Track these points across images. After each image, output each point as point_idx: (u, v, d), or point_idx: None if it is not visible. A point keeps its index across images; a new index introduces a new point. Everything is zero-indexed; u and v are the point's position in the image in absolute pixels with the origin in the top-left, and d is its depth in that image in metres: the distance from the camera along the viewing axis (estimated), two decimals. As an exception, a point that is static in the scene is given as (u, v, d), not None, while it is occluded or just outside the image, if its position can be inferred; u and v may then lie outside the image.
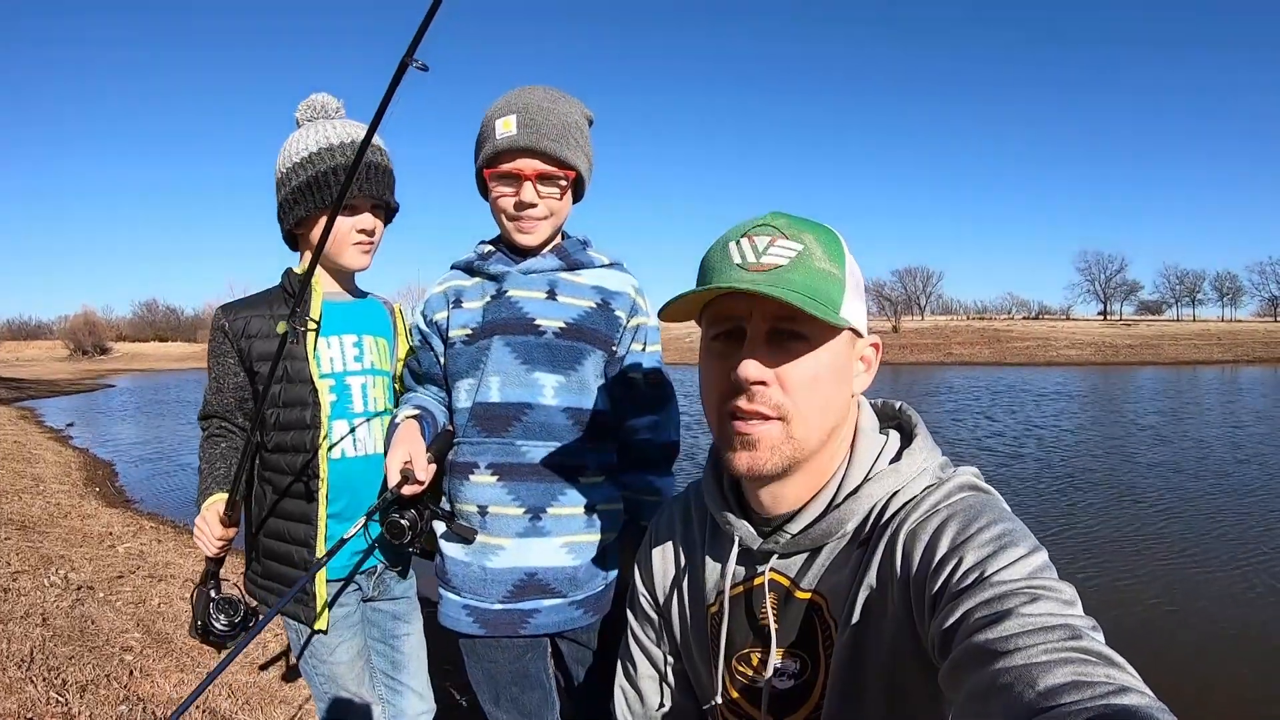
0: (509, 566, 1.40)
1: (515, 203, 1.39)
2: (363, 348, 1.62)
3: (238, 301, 1.62)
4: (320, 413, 1.52)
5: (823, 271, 0.86)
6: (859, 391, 0.95)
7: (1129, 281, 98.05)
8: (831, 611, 0.93)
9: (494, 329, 1.41)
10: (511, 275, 1.44)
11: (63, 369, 48.97)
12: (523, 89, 1.39)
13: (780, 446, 0.88)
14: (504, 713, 1.46)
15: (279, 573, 1.57)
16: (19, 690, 2.68)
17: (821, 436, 0.90)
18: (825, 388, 0.88)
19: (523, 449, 1.40)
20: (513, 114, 1.35)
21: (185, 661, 3.22)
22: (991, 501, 0.84)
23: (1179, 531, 6.49)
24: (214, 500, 1.48)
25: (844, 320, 0.86)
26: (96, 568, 4.57)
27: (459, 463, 1.43)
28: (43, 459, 9.88)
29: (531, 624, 1.41)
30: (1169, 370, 35.03)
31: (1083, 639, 0.63)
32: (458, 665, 1.54)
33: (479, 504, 1.40)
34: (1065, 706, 0.56)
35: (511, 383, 1.40)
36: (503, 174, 1.38)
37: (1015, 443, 11.57)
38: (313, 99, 1.60)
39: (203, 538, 1.47)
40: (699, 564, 1.08)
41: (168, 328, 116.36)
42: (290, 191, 1.54)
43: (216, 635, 1.47)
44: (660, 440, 1.53)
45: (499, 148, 1.36)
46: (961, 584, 0.73)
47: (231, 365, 1.57)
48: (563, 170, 1.40)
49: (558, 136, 1.37)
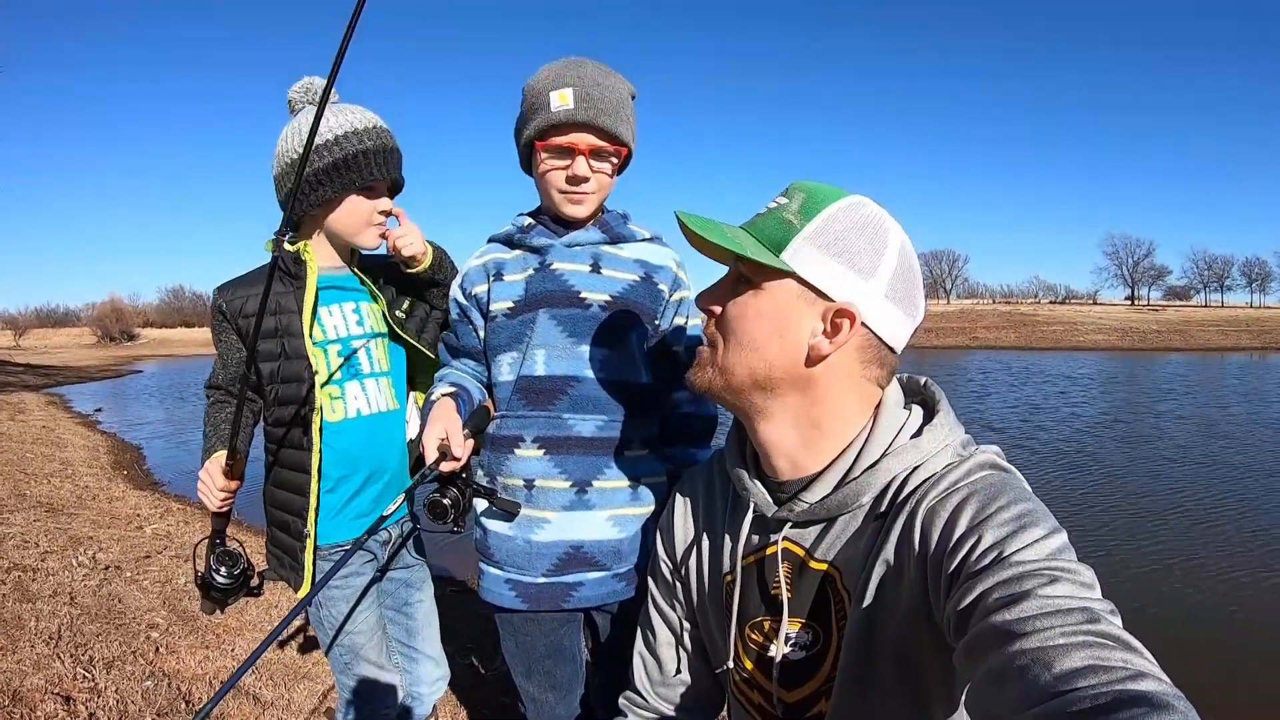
0: (554, 540, 1.39)
1: (568, 176, 1.38)
2: (361, 313, 1.67)
3: (233, 281, 1.64)
4: (315, 387, 1.55)
5: (784, 220, 0.91)
6: (819, 354, 0.89)
7: (1157, 266, 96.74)
8: (845, 584, 0.92)
9: (539, 302, 1.40)
10: (555, 248, 1.43)
11: (90, 355, 49.89)
12: (572, 60, 1.38)
13: (705, 366, 0.98)
14: (535, 685, 1.47)
15: (281, 541, 1.64)
16: (47, 666, 2.74)
17: (749, 374, 0.93)
18: (749, 326, 0.92)
19: (569, 422, 1.39)
20: (568, 87, 1.33)
21: (210, 639, 3.27)
22: (1012, 481, 0.83)
23: (1206, 518, 6.40)
24: (217, 455, 1.53)
25: (782, 264, 0.88)
26: (124, 548, 4.66)
27: (503, 436, 1.43)
28: (71, 443, 10.07)
29: (575, 597, 1.41)
30: (1197, 356, 34.47)
31: (1100, 623, 0.62)
32: (485, 635, 1.55)
33: (525, 478, 1.40)
34: (1081, 690, 0.56)
35: (558, 356, 1.39)
36: (556, 147, 1.37)
37: (1039, 426, 11.45)
38: (309, 82, 1.58)
39: (206, 490, 1.52)
40: (718, 531, 1.08)
41: (194, 314, 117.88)
42: (313, 173, 1.52)
43: (217, 588, 1.52)
44: (703, 413, 1.53)
45: (554, 120, 1.34)
46: (979, 563, 0.72)
47: (233, 342, 1.63)
48: (615, 146, 1.39)
49: (613, 112, 1.36)
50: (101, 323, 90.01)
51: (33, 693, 2.52)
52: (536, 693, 1.48)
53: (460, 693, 2.93)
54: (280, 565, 1.65)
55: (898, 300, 0.91)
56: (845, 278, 0.88)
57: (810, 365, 0.90)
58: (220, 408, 1.63)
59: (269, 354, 1.56)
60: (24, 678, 2.62)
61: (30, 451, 8.67)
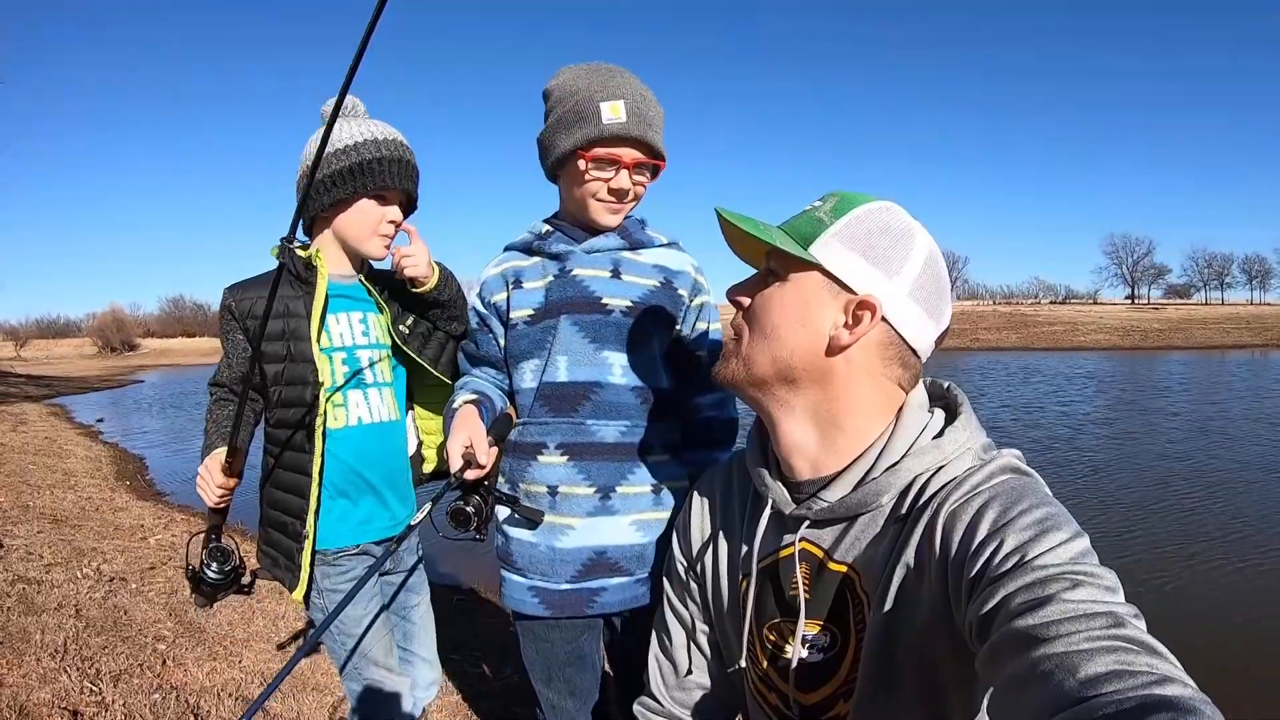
0: (578, 546, 1.39)
1: (611, 189, 1.39)
2: (368, 324, 1.70)
3: (244, 282, 1.67)
4: (320, 391, 1.57)
5: (815, 219, 0.93)
6: (839, 345, 0.90)
7: (1157, 265, 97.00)
8: (864, 586, 0.92)
9: (560, 308, 1.41)
10: (575, 254, 1.43)
11: (92, 366, 49.95)
12: (613, 69, 1.38)
13: (729, 358, 1.00)
14: (555, 692, 1.47)
15: (277, 541, 1.65)
16: (53, 680, 2.73)
17: (771, 363, 0.94)
18: (773, 315, 0.94)
19: (592, 428, 1.40)
20: (619, 99, 1.33)
21: (217, 650, 3.26)
22: (1033, 485, 0.83)
23: (1220, 520, 6.38)
24: (216, 452, 1.54)
25: (810, 256, 0.90)
26: (128, 559, 4.65)
27: (525, 443, 1.43)
28: (74, 454, 10.06)
29: (598, 603, 1.41)
30: (1198, 355, 34.44)
31: (1125, 627, 0.62)
32: (494, 644, 1.55)
33: (549, 484, 1.40)
34: (1106, 695, 0.55)
35: (580, 362, 1.40)
36: (603, 159, 1.37)
37: (1053, 430, 11.43)
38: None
39: (204, 486, 1.52)
40: (735, 531, 1.08)
41: (195, 323, 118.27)
42: (330, 174, 1.56)
43: (208, 583, 1.54)
44: (724, 416, 1.53)
45: (606, 132, 1.33)
46: (1001, 568, 0.72)
47: (240, 342, 1.64)
48: (656, 161, 1.40)
49: (659, 126, 1.38)
50: (102, 333, 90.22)
51: (40, 707, 2.52)
52: (556, 699, 1.48)
53: (470, 701, 2.93)
54: (274, 565, 1.66)
55: (921, 302, 0.92)
56: (868, 273, 0.90)
57: (830, 355, 0.91)
58: (223, 405, 1.65)
59: (274, 356, 1.58)
60: (31, 692, 2.61)
61: (33, 462, 8.65)
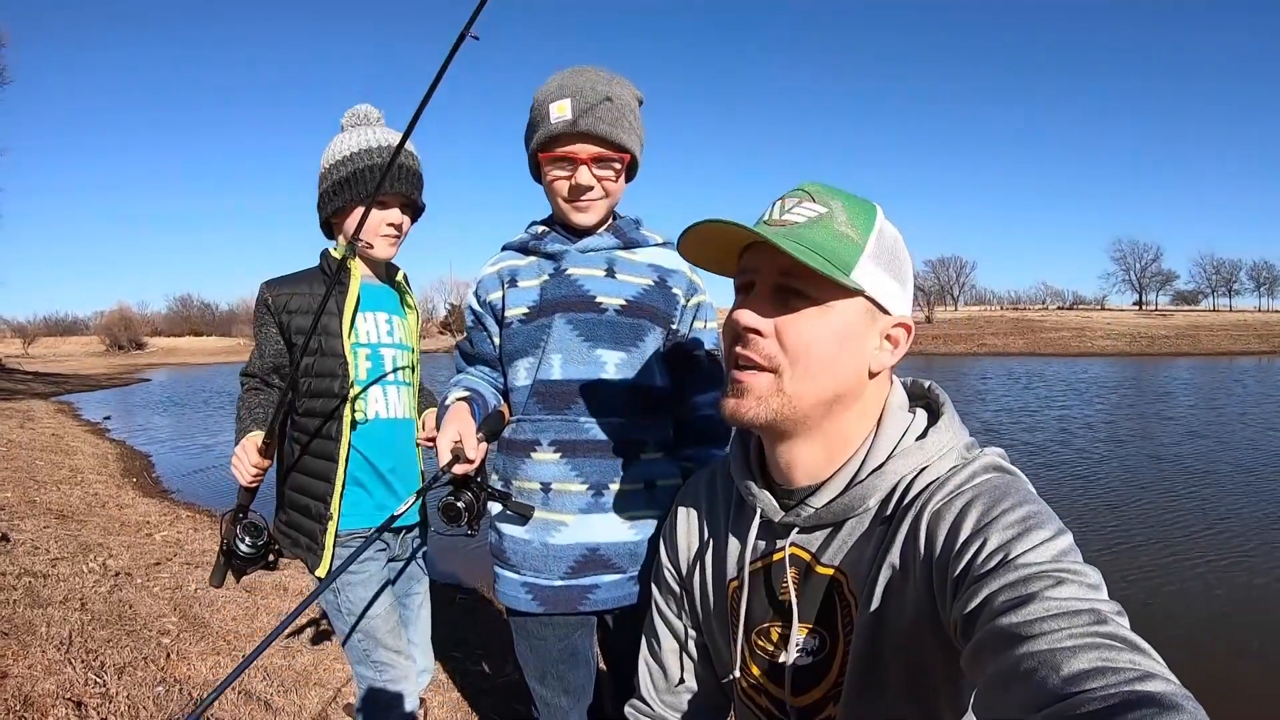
0: (571, 542, 1.40)
1: (571, 186, 1.40)
2: (393, 325, 1.84)
3: (281, 278, 1.80)
4: (348, 384, 1.68)
5: (841, 234, 0.87)
6: (879, 368, 0.92)
7: (1164, 271, 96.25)
8: (852, 588, 0.92)
9: (555, 307, 1.42)
10: (570, 254, 1.45)
11: (99, 364, 50.19)
12: (574, 70, 1.39)
13: (768, 398, 0.89)
14: (548, 690, 1.48)
15: (298, 523, 1.74)
16: (58, 671, 2.75)
17: (818, 399, 0.89)
18: (824, 347, 0.87)
19: (585, 425, 1.41)
20: (566, 98, 1.35)
21: (221, 645, 3.28)
22: (1017, 483, 0.83)
23: (1209, 522, 6.36)
24: (253, 434, 1.63)
25: (854, 283, 0.86)
26: (134, 555, 4.67)
27: (519, 440, 1.44)
28: (80, 451, 10.10)
29: (591, 600, 1.42)
30: (1206, 361, 34.25)
31: (1108, 624, 0.62)
32: (494, 641, 1.56)
33: (542, 481, 1.41)
34: (1090, 692, 0.56)
35: (574, 360, 1.41)
36: (558, 158, 1.38)
37: (1047, 433, 11.39)
38: (356, 108, 1.79)
39: (240, 465, 1.61)
40: (722, 537, 1.08)
41: (202, 322, 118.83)
42: (331, 184, 1.72)
43: (239, 556, 1.64)
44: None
45: (553, 132, 1.35)
46: (985, 566, 0.72)
47: (273, 334, 1.75)
48: (617, 153, 1.40)
49: (612, 120, 1.36)
50: (110, 331, 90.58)
51: (45, 698, 2.54)
52: (550, 696, 1.48)
53: (471, 699, 2.94)
54: (296, 545, 1.74)
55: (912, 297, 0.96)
56: (899, 293, 0.92)
57: (871, 378, 0.92)
58: (255, 394, 1.76)
59: (306, 350, 1.66)
60: (35, 683, 2.63)
61: (40, 459, 8.70)
